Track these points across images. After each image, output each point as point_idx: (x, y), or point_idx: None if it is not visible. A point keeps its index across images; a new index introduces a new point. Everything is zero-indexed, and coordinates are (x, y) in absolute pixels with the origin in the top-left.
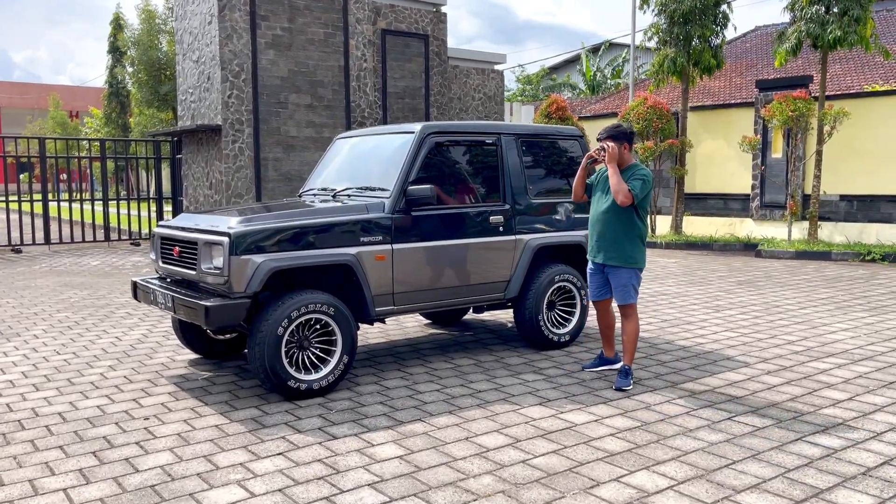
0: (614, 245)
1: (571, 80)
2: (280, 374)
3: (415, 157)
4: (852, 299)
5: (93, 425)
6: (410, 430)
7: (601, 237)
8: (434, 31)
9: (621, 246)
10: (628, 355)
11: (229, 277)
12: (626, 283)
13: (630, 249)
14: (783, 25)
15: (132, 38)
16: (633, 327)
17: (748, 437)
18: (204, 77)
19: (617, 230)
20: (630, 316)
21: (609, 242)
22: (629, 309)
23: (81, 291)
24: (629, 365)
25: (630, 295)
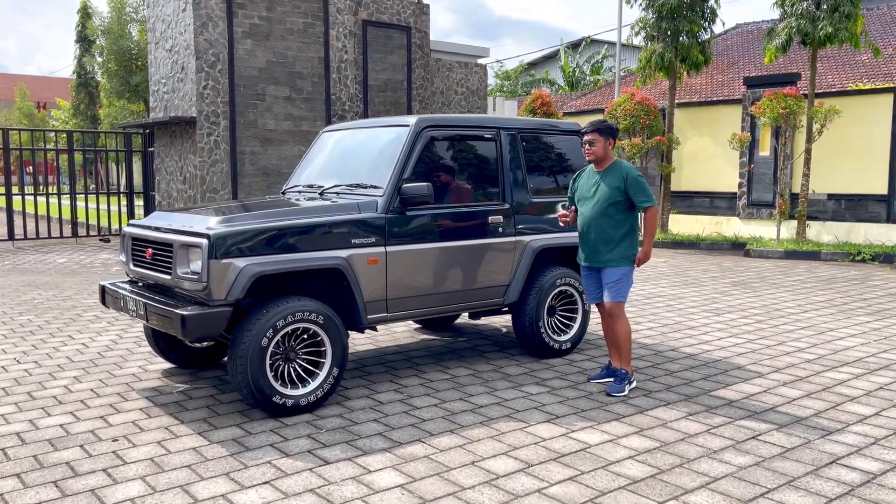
0: (611, 245)
1: (550, 76)
2: (264, 390)
3: (409, 152)
4: (852, 302)
5: (55, 448)
6: (410, 452)
7: (596, 241)
8: (417, 22)
9: (618, 243)
10: (625, 358)
11: (208, 283)
12: (620, 279)
13: (627, 246)
14: (764, 23)
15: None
16: (626, 327)
17: (779, 461)
18: (178, 67)
19: (613, 231)
20: (621, 315)
21: (605, 244)
22: (620, 308)
23: (46, 292)
24: (627, 369)
25: (624, 292)
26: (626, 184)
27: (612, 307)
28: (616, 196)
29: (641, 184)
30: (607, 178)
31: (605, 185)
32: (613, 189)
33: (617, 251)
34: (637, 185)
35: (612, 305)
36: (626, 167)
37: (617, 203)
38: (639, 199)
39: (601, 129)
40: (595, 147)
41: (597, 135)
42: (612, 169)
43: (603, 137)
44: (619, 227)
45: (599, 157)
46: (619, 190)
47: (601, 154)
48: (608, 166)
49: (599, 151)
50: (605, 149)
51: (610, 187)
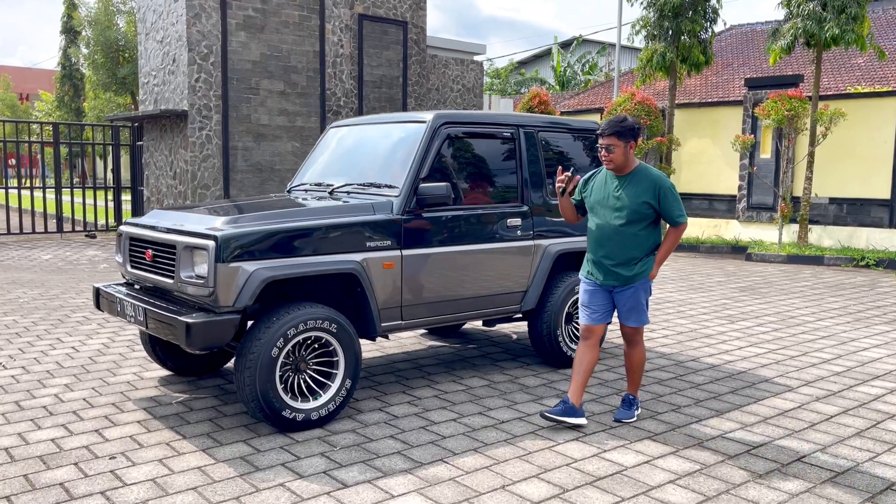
0: (634, 263)
1: (540, 75)
2: (273, 403)
3: (426, 150)
4: (866, 310)
5: (47, 467)
6: (434, 474)
7: (615, 259)
8: (413, 18)
9: (642, 262)
10: (634, 384)
11: (215, 288)
12: (643, 302)
13: (647, 263)
14: (759, 24)
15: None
16: (642, 355)
17: (831, 487)
18: (169, 59)
19: (636, 248)
20: (639, 342)
21: (626, 264)
22: (640, 334)
23: (32, 290)
24: (636, 394)
25: (645, 314)
26: (660, 196)
27: (632, 333)
28: (643, 209)
29: (676, 196)
30: (632, 188)
31: (631, 195)
32: (641, 202)
33: (639, 270)
34: (673, 198)
35: (633, 331)
36: (655, 175)
37: (643, 217)
38: (675, 215)
39: (620, 132)
40: (614, 153)
41: (615, 139)
42: (638, 176)
43: (623, 141)
44: (644, 243)
45: (619, 164)
46: (647, 203)
47: (621, 161)
48: (631, 171)
49: (619, 159)
50: (626, 154)
51: (637, 199)
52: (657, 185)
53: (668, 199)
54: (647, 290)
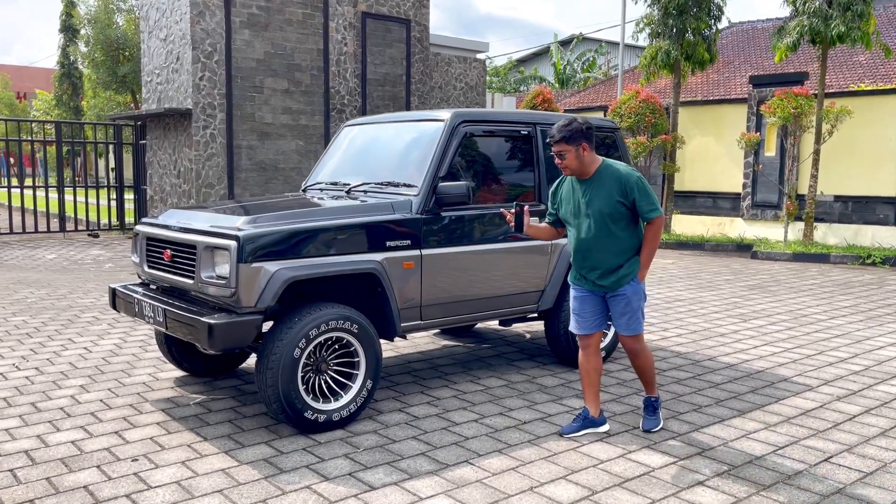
0: (618, 269)
1: (539, 72)
2: (295, 405)
3: (445, 148)
4: (878, 308)
5: (69, 469)
6: (460, 476)
7: (596, 263)
8: (416, 16)
9: (627, 265)
10: (650, 385)
11: (237, 289)
12: (636, 308)
13: (632, 266)
14: (759, 22)
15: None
16: (647, 359)
17: (861, 488)
18: (172, 57)
19: (619, 253)
20: (642, 350)
21: (611, 269)
22: (640, 341)
23: (39, 290)
24: (656, 395)
25: (639, 322)
26: (629, 192)
27: (629, 342)
28: (616, 209)
29: (645, 188)
30: (599, 189)
31: (600, 197)
32: (612, 201)
33: (626, 272)
34: (641, 191)
35: (628, 340)
36: (621, 170)
37: (618, 218)
38: (646, 209)
39: (568, 137)
40: (566, 159)
41: (563, 144)
42: (603, 176)
43: (573, 146)
44: (624, 246)
45: (575, 170)
46: (618, 202)
47: (575, 166)
48: (595, 173)
49: (573, 164)
50: (580, 158)
51: (607, 200)
52: (623, 181)
53: (636, 192)
54: (640, 296)
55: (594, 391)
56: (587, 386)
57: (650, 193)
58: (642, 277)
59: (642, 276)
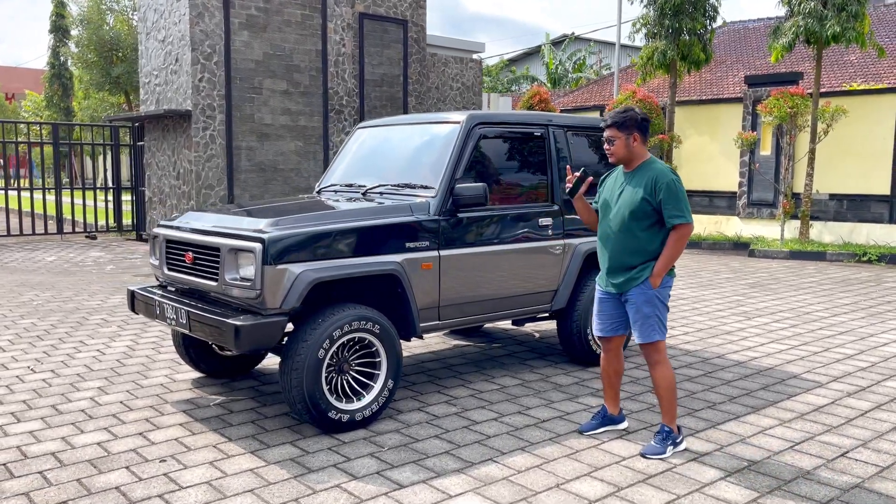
0: (631, 270)
1: (531, 72)
2: (320, 405)
3: (461, 150)
4: (878, 305)
5: (99, 471)
6: (486, 474)
7: (615, 259)
8: (413, 16)
9: (637, 270)
10: (669, 412)
11: (262, 290)
12: (649, 314)
13: (647, 269)
14: (751, 22)
15: (81, 17)
16: (667, 374)
17: (879, 482)
18: (171, 58)
19: (635, 251)
20: (659, 362)
21: (625, 268)
22: (657, 351)
23: (43, 292)
24: (672, 426)
25: (655, 329)
26: (657, 192)
27: (647, 351)
28: (641, 206)
29: (676, 192)
30: (633, 182)
31: (629, 190)
32: (637, 198)
33: (633, 275)
34: (670, 193)
35: (646, 348)
36: (658, 168)
37: (641, 216)
38: (670, 213)
39: (620, 123)
40: (614, 146)
41: (615, 130)
42: (640, 171)
43: (624, 133)
44: (644, 245)
45: (621, 157)
46: (645, 200)
47: (622, 154)
48: (637, 167)
49: (620, 151)
50: (628, 147)
51: (633, 195)
52: (654, 179)
53: (664, 193)
54: (655, 302)
55: (613, 392)
56: (607, 387)
57: (681, 199)
58: (655, 284)
59: (655, 283)
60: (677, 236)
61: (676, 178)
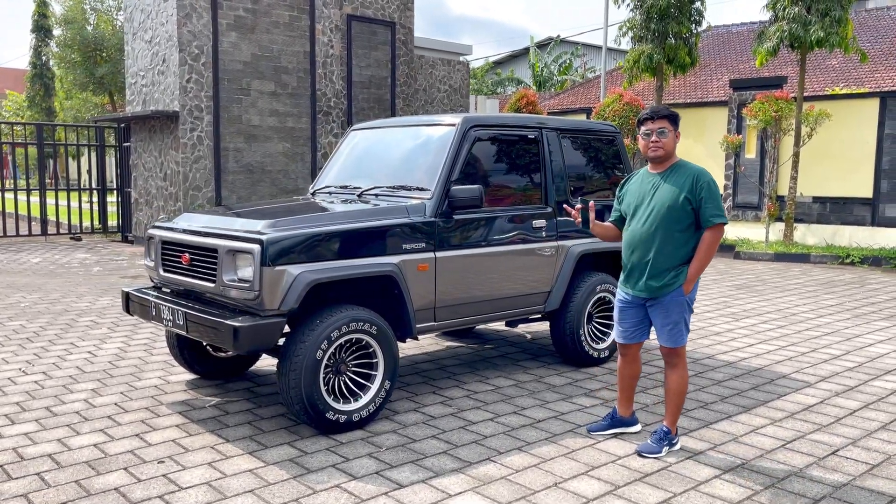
0: (665, 273)
1: (516, 74)
2: (317, 406)
3: (457, 153)
4: (863, 306)
5: (97, 472)
6: (485, 473)
7: (647, 263)
8: (401, 18)
9: (676, 273)
10: (673, 414)
11: (261, 292)
12: (678, 319)
13: (680, 274)
14: (735, 27)
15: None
16: (683, 379)
17: (870, 479)
18: (158, 59)
19: (671, 254)
20: (679, 365)
21: (658, 271)
22: (679, 356)
23: (30, 294)
24: (671, 427)
25: (683, 335)
26: (698, 190)
27: (670, 355)
28: (682, 206)
29: (715, 191)
30: (671, 183)
31: (666, 190)
32: (677, 197)
33: (669, 279)
34: (711, 193)
35: (668, 352)
36: (695, 168)
37: (682, 216)
38: (709, 212)
39: (672, 117)
40: (667, 138)
41: (667, 122)
42: (677, 170)
43: (674, 127)
44: (679, 250)
45: (670, 151)
46: (686, 199)
47: (671, 148)
48: (670, 166)
49: (671, 145)
50: (675, 142)
51: (675, 195)
52: (696, 178)
53: (705, 192)
54: (684, 307)
55: (627, 395)
56: (621, 389)
57: (718, 199)
58: (688, 290)
59: (688, 289)
60: (712, 238)
61: (712, 177)
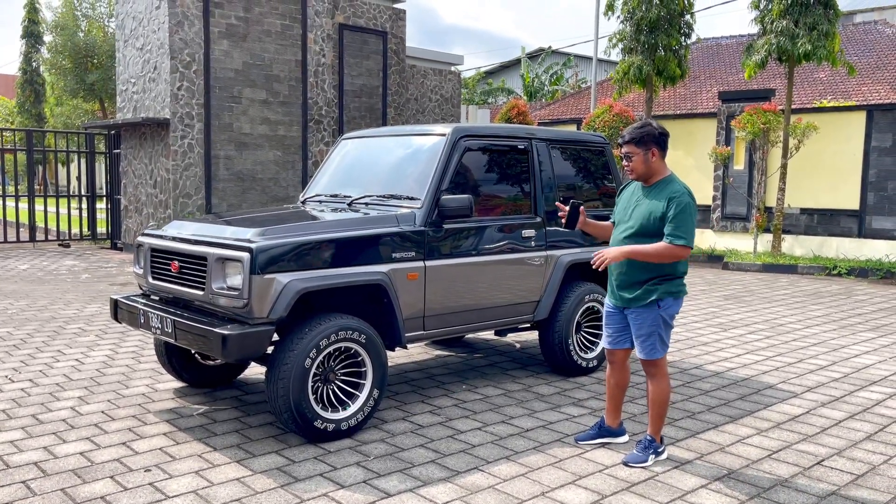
0: (640, 285)
1: (507, 84)
2: (306, 414)
3: (447, 162)
4: (849, 318)
5: (83, 480)
6: (472, 482)
7: (621, 277)
8: (393, 28)
9: (649, 285)
10: (657, 423)
11: (250, 300)
12: (651, 332)
13: (663, 287)
14: (724, 39)
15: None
16: (663, 389)
17: (855, 489)
18: (150, 66)
19: (641, 268)
20: (657, 375)
21: (633, 283)
22: (656, 367)
23: (18, 301)
24: (656, 436)
25: (657, 347)
26: (668, 208)
27: (647, 366)
28: (653, 223)
29: (687, 213)
30: (650, 198)
31: (644, 206)
32: (650, 215)
33: (649, 291)
34: (679, 214)
35: (646, 363)
36: (676, 188)
37: (653, 232)
38: (672, 230)
39: (637, 139)
40: (633, 162)
41: (633, 146)
42: (660, 187)
43: (642, 149)
44: (650, 263)
45: (640, 174)
46: (658, 218)
47: (641, 170)
48: (656, 182)
49: (638, 167)
50: (647, 162)
51: (648, 211)
52: (671, 197)
53: (673, 210)
54: (658, 322)
55: (614, 404)
56: (609, 398)
57: (687, 223)
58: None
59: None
60: (665, 249)
61: (692, 200)
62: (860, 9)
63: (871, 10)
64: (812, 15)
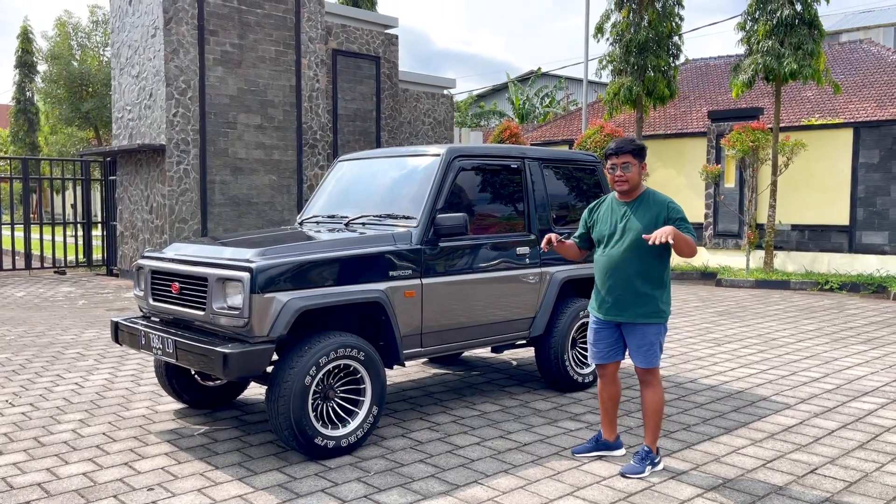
0: (640, 297)
1: (499, 107)
2: (306, 431)
3: (442, 182)
4: (840, 331)
5: (86, 500)
6: (472, 496)
7: (623, 292)
8: (385, 52)
9: (649, 297)
10: (653, 433)
11: (250, 319)
12: (653, 342)
13: (660, 299)
14: (713, 59)
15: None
16: (659, 397)
17: (848, 496)
18: (145, 94)
19: (645, 277)
20: (654, 384)
21: (633, 295)
22: (654, 375)
23: (16, 328)
24: (652, 447)
25: (657, 355)
26: (672, 214)
27: (644, 375)
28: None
29: (679, 214)
30: (640, 212)
31: (638, 220)
32: (652, 224)
33: (650, 306)
34: (681, 215)
35: (644, 373)
36: (663, 197)
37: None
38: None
39: (636, 151)
40: (630, 172)
41: (631, 157)
42: (645, 200)
43: (638, 160)
44: (653, 274)
45: (635, 184)
46: (660, 225)
47: (636, 181)
48: (638, 196)
49: (635, 178)
50: (639, 174)
51: (644, 224)
52: (668, 206)
53: (676, 213)
54: (662, 330)
55: (609, 418)
56: (603, 412)
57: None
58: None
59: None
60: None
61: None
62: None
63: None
64: (797, 35)
